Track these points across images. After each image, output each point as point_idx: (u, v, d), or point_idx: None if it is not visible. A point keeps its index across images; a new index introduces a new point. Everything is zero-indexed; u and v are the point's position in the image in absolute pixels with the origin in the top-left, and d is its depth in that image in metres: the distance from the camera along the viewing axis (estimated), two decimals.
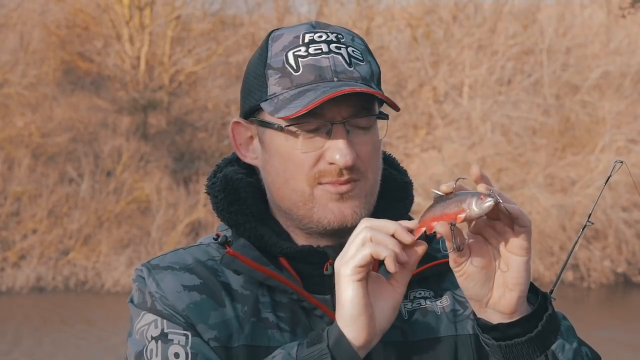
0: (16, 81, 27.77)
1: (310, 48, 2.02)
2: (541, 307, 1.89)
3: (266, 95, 2.03)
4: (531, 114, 28.27)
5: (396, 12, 30.90)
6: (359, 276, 1.82)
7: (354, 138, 2.01)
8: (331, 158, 1.99)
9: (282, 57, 2.02)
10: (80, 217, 26.29)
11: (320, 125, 1.99)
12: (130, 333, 2.03)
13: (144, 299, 2.03)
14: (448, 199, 1.81)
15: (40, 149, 27.22)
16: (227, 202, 2.09)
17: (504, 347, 1.87)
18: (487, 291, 1.87)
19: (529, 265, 1.85)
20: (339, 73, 2.00)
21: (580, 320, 19.93)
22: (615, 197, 26.12)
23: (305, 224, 2.04)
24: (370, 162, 2.03)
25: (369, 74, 2.04)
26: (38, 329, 20.30)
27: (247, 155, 2.11)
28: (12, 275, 25.27)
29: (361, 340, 1.83)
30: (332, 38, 2.04)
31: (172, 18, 30.03)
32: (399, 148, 27.84)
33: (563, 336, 1.91)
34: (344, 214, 2.00)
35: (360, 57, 2.05)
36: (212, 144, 28.99)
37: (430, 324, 2.07)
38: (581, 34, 30.13)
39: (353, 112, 2.00)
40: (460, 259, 1.85)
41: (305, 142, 2.00)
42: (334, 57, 2.01)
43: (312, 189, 2.01)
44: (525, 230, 1.83)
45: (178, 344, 1.97)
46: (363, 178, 2.02)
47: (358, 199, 2.01)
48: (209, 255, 2.09)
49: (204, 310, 2.00)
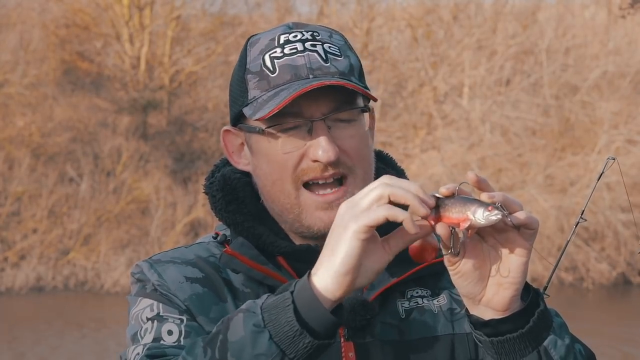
0: (16, 81, 27.77)
1: (286, 48, 2.02)
2: (533, 303, 1.88)
3: (247, 100, 2.03)
4: (530, 114, 28.26)
5: (396, 13, 30.89)
6: (365, 235, 1.73)
7: (337, 133, 2.00)
8: (314, 155, 1.98)
9: (259, 61, 2.03)
10: (80, 217, 26.28)
11: (299, 123, 1.99)
12: (129, 322, 2.03)
13: (143, 287, 2.03)
14: (449, 201, 1.77)
15: (40, 149, 27.21)
16: (225, 202, 2.09)
17: (496, 342, 1.86)
18: (480, 289, 1.85)
19: (527, 266, 1.83)
20: (314, 70, 1.99)
21: (579, 321, 19.93)
22: (614, 198, 26.12)
23: (297, 227, 2.04)
24: (357, 156, 2.02)
25: (347, 68, 2.02)
26: (37, 329, 20.29)
27: (239, 162, 2.12)
28: (12, 275, 25.26)
29: (336, 295, 1.76)
30: (307, 37, 2.03)
31: (172, 18, 30.02)
32: (398, 148, 27.83)
33: (555, 332, 1.90)
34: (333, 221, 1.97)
35: (338, 53, 2.03)
36: (212, 144, 28.98)
37: (427, 323, 2.07)
38: (581, 34, 30.12)
39: (333, 107, 1.99)
40: (454, 258, 1.84)
41: (286, 142, 2.00)
42: (309, 54, 2.01)
43: (298, 191, 2.01)
44: (531, 232, 1.81)
45: (172, 322, 1.97)
46: (351, 173, 2.01)
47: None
48: (210, 252, 2.09)
49: (205, 303, 2.01)
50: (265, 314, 1.76)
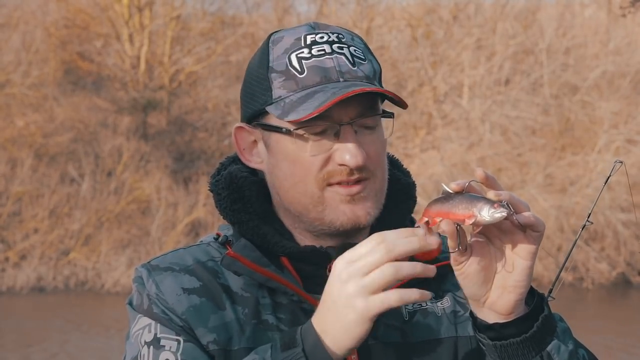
0: (18, 81, 27.78)
1: (313, 49, 2.01)
2: (537, 308, 1.89)
3: (271, 99, 2.02)
4: (530, 114, 28.25)
5: (396, 12, 30.87)
6: (374, 317, 1.79)
7: (361, 138, 2.00)
8: (341, 159, 1.98)
9: (284, 60, 2.02)
10: (81, 217, 26.29)
11: (327, 126, 1.99)
12: (128, 336, 2.03)
13: (141, 301, 2.04)
14: (457, 197, 1.78)
15: (42, 149, 27.22)
16: (230, 200, 2.09)
17: (499, 346, 1.87)
18: (485, 291, 1.86)
19: (532, 270, 1.84)
20: (344, 73, 2.00)
21: (579, 321, 19.94)
22: (614, 198, 26.11)
23: (316, 226, 2.03)
24: (378, 161, 2.03)
25: (372, 73, 2.04)
26: (38, 329, 20.30)
27: (251, 159, 2.11)
28: (12, 275, 25.27)
29: (344, 349, 1.81)
30: (333, 38, 2.03)
31: (172, 18, 30.02)
32: (398, 148, 27.83)
33: (559, 337, 1.91)
34: (357, 214, 2.00)
35: (362, 57, 2.04)
36: (212, 144, 28.97)
37: (430, 325, 2.07)
38: (581, 34, 30.11)
39: (359, 112, 2.00)
40: (461, 258, 1.85)
41: (313, 145, 1.99)
42: (337, 57, 2.01)
43: (322, 191, 2.00)
44: (537, 235, 1.82)
45: (169, 350, 1.97)
46: (372, 177, 2.02)
47: (370, 199, 2.01)
48: (209, 256, 2.09)
49: (203, 314, 2.00)
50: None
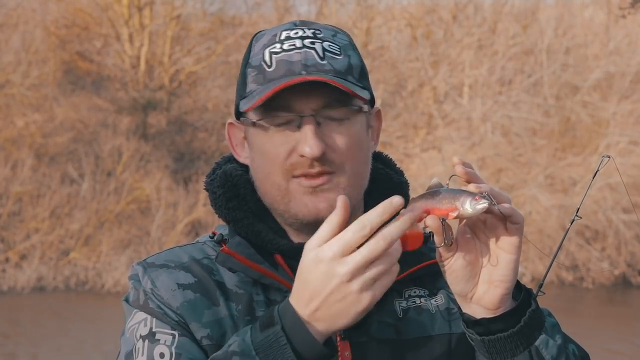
0: (18, 81, 27.79)
1: (285, 44, 2.03)
2: (524, 302, 1.89)
3: (245, 93, 2.05)
4: (531, 114, 28.26)
5: (396, 12, 30.89)
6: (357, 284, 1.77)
7: (326, 130, 1.99)
8: (301, 150, 1.98)
9: (260, 55, 2.05)
10: (81, 217, 26.30)
11: (291, 118, 1.99)
12: (123, 332, 2.05)
13: (137, 297, 2.05)
14: (442, 192, 1.81)
15: (42, 150, 27.23)
16: (225, 198, 2.10)
17: (487, 341, 1.88)
18: (471, 287, 1.87)
19: (517, 264, 1.85)
20: (308, 67, 2.00)
21: (579, 321, 19.94)
22: (615, 198, 26.11)
23: (286, 218, 2.05)
24: (347, 154, 2.01)
25: (344, 67, 2.02)
26: (39, 329, 20.31)
27: (241, 155, 2.13)
28: (13, 275, 25.28)
29: (327, 332, 1.81)
30: (308, 34, 2.04)
31: (172, 18, 30.02)
32: (398, 148, 27.84)
33: (547, 332, 1.91)
34: (318, 207, 1.99)
35: (338, 51, 2.03)
36: (212, 144, 28.99)
37: (424, 322, 2.07)
38: (581, 34, 30.12)
39: (324, 104, 1.99)
40: (447, 253, 1.86)
41: (276, 136, 2.00)
42: (306, 52, 2.01)
43: (287, 182, 2.01)
44: (517, 227, 1.83)
45: (164, 344, 1.97)
46: (338, 170, 2.00)
47: (334, 192, 1.99)
48: (205, 254, 2.09)
49: (197, 309, 2.01)
50: (261, 354, 1.78)
